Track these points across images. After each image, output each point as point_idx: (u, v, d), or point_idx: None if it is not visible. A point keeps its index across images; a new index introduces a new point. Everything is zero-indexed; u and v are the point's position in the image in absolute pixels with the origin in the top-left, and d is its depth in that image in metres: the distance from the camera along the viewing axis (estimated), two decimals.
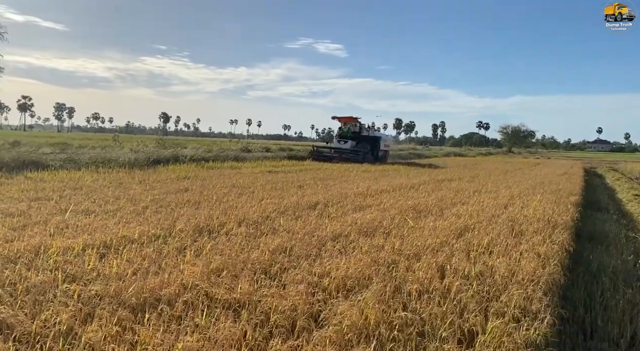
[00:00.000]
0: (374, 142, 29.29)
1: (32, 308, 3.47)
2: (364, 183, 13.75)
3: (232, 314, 3.62)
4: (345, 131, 29.85)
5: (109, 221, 6.76)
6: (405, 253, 5.58)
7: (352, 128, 29.73)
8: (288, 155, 27.98)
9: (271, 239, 6.05)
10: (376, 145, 29.08)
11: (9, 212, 7.02)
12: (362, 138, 28.90)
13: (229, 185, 12.08)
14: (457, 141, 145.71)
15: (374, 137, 29.85)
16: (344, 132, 29.79)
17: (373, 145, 28.88)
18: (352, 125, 29.90)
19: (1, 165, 12.69)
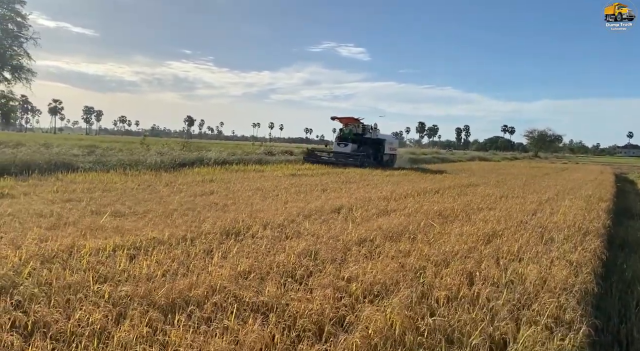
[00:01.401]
0: (377, 145, 27.00)
1: (66, 307, 3.56)
2: (387, 188, 13.67)
3: (260, 317, 3.63)
4: (346, 133, 27.41)
5: (138, 223, 6.89)
6: (433, 259, 5.51)
7: (353, 130, 27.32)
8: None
9: (296, 243, 6.07)
10: (380, 149, 26.91)
11: (42, 212, 7.22)
12: (365, 140, 26.66)
13: (253, 188, 12.18)
14: (482, 145, 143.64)
15: (377, 139, 27.35)
16: (344, 134, 27.42)
17: (376, 149, 26.76)
18: (354, 127, 27.42)
19: (34, 166, 13.09)
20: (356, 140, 26.52)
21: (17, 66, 27.93)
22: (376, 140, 27.20)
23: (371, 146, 26.56)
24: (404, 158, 35.20)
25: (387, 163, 27.20)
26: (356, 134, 27.09)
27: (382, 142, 27.18)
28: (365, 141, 26.66)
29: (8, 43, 27.52)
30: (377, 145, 26.99)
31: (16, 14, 27.20)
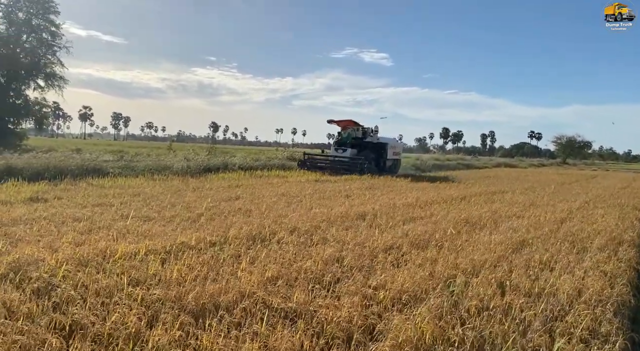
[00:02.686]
0: (379, 149, 24.74)
1: (102, 310, 3.65)
2: (412, 194, 13.56)
3: (289, 323, 3.65)
4: (345, 137, 25.28)
5: (167, 227, 7.02)
6: (462, 267, 5.43)
7: (352, 134, 25.23)
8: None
9: (322, 249, 6.08)
10: (382, 154, 24.64)
11: (76, 216, 7.43)
12: (365, 145, 24.60)
13: (277, 194, 12.25)
14: (508, 151, 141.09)
15: (379, 143, 25.08)
16: (343, 139, 25.25)
17: (378, 154, 24.53)
18: (354, 130, 25.32)
19: (67, 171, 13.49)
20: (356, 145, 24.54)
21: (51, 74, 28.88)
22: (378, 145, 25.04)
23: (372, 151, 24.47)
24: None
25: (390, 169, 25.15)
26: (356, 138, 25.09)
27: (384, 146, 24.95)
28: (366, 145, 24.59)
29: (42, 52, 28.51)
30: (379, 150, 24.81)
31: (50, 24, 28.18)
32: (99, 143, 69.10)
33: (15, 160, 13.91)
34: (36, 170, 13.13)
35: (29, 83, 28.64)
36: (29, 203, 8.71)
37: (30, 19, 27.54)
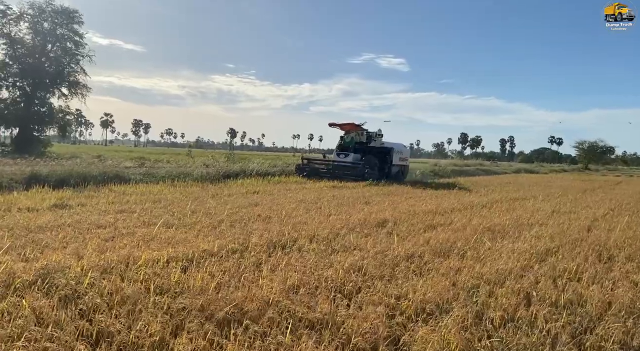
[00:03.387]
0: (383, 154, 23.46)
1: (127, 318, 3.67)
2: (431, 201, 13.43)
3: (314, 334, 3.63)
4: (348, 141, 24.01)
5: (188, 234, 7.07)
6: (486, 277, 5.34)
7: (356, 138, 23.98)
8: None
9: (343, 257, 6.04)
10: (387, 159, 23.41)
11: (99, 223, 7.54)
12: (369, 150, 23.36)
13: (296, 200, 12.27)
14: (527, 157, 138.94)
15: (383, 148, 23.82)
16: (345, 143, 24.04)
17: (382, 159, 23.22)
18: (358, 134, 24.06)
19: (90, 178, 13.74)
20: (359, 150, 23.29)
21: (74, 82, 29.55)
22: (382, 149, 23.72)
23: (376, 156, 23.11)
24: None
25: (396, 176, 23.86)
26: (359, 143, 23.90)
27: (389, 152, 23.65)
28: (370, 150, 23.34)
29: (66, 61, 29.20)
30: (384, 155, 23.49)
31: (74, 33, 28.87)
32: (119, 149, 70.32)
33: (40, 167, 14.23)
34: (60, 176, 13.40)
35: (54, 91, 29.34)
36: (54, 209, 8.87)
37: (55, 29, 28.25)
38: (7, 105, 28.10)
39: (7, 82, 28.06)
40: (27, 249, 5.52)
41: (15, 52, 27.75)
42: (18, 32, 27.87)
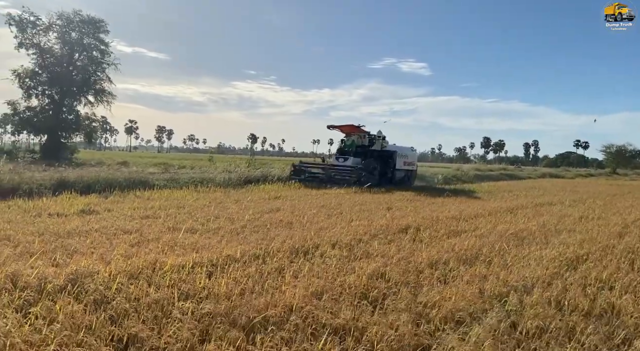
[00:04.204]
0: (385, 158, 21.86)
1: (154, 323, 3.72)
2: (455, 206, 13.26)
3: (338, 340, 3.60)
4: (348, 144, 22.48)
5: (212, 239, 7.13)
6: (513, 284, 5.23)
7: (358, 141, 22.47)
8: None
9: (366, 263, 6.00)
10: (389, 163, 21.85)
11: (125, 229, 7.67)
12: (371, 153, 21.83)
13: (317, 206, 12.26)
14: (552, 161, 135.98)
15: (386, 152, 22.15)
16: (346, 146, 22.54)
17: (385, 164, 21.66)
18: (360, 137, 22.56)
19: (115, 184, 14.01)
20: (360, 153, 21.78)
21: (100, 90, 30.26)
22: (385, 153, 22.07)
23: (378, 160, 21.52)
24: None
25: (401, 181, 22.54)
26: (361, 146, 22.32)
27: (392, 155, 22.05)
28: (372, 154, 21.82)
29: (92, 69, 29.94)
30: (386, 159, 21.85)
31: (100, 42, 29.60)
32: (143, 155, 71.61)
33: (68, 173, 14.58)
34: (87, 182, 13.71)
35: (80, 99, 30.10)
36: (82, 215, 9.07)
37: (82, 38, 29.02)
38: (37, 113, 28.94)
39: (37, 91, 28.91)
40: (57, 254, 5.65)
41: (45, 62, 28.59)
42: (47, 42, 28.73)
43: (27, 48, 28.18)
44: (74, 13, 28.50)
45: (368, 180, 19.45)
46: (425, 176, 28.68)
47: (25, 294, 4.06)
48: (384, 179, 21.12)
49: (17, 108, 28.84)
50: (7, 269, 4.67)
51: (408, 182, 23.33)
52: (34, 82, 28.65)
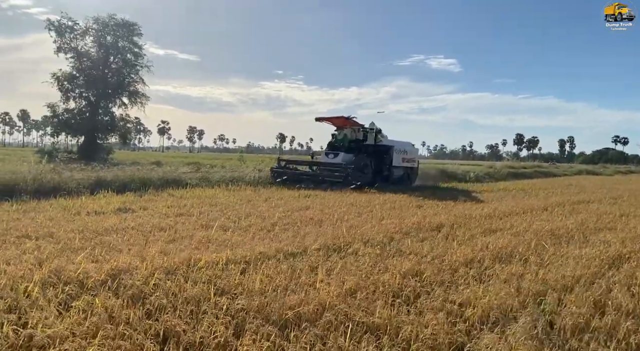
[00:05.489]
0: (380, 154, 19.50)
1: (190, 318, 3.78)
2: (488, 204, 12.99)
3: (373, 339, 3.58)
4: (340, 139, 19.98)
5: (244, 237, 7.21)
6: (551, 283, 5.08)
7: (351, 136, 20.07)
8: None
9: (399, 261, 5.95)
10: (384, 160, 19.55)
11: (161, 226, 7.85)
12: (365, 149, 19.52)
13: (346, 204, 12.23)
14: (589, 158, 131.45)
15: (380, 147, 19.67)
16: (337, 140, 20.04)
17: (379, 160, 19.38)
18: (354, 131, 20.12)
19: (150, 183, 14.36)
20: (354, 149, 19.38)
21: (134, 92, 31.11)
22: (380, 148, 19.56)
23: (373, 156, 19.17)
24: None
25: (400, 180, 20.27)
26: (355, 141, 19.89)
27: (387, 151, 19.65)
28: (366, 149, 19.43)
29: (127, 71, 30.80)
30: (381, 155, 19.47)
31: (134, 45, 30.43)
32: (176, 155, 73.18)
33: (104, 173, 15.03)
34: (123, 181, 14.10)
35: (115, 101, 31.02)
36: (118, 213, 9.33)
37: (116, 42, 29.88)
38: (74, 115, 29.98)
39: (74, 93, 29.96)
40: (96, 250, 5.83)
41: (82, 65, 29.58)
42: (84, 46, 29.74)
43: (65, 52, 29.25)
44: (108, 17, 29.38)
45: (357, 179, 17.26)
46: (457, 174, 28.22)
47: (68, 288, 4.21)
48: (379, 178, 19.02)
49: (56, 111, 29.95)
50: (52, 264, 4.86)
51: (408, 180, 21.04)
52: (72, 85, 29.68)
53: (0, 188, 11.40)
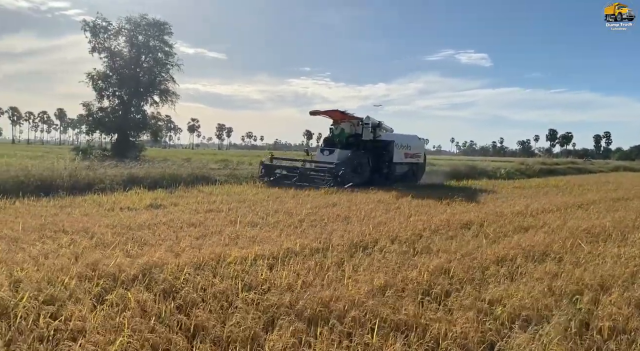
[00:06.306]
0: (379, 150, 17.81)
1: (219, 313, 3.83)
2: (520, 201, 12.67)
3: (400, 336, 3.54)
4: (336, 134, 18.26)
5: (271, 233, 7.26)
6: (587, 282, 4.91)
7: (350, 130, 18.35)
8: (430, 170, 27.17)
9: (427, 259, 5.87)
10: (384, 156, 17.84)
11: (191, 222, 7.99)
12: (363, 145, 17.84)
13: (373, 201, 12.16)
14: (626, 154, 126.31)
15: (379, 142, 17.97)
16: (334, 136, 18.34)
17: (378, 157, 17.71)
18: (353, 125, 18.42)
19: (180, 180, 14.64)
20: (353, 144, 17.76)
21: (165, 90, 31.65)
22: (378, 143, 17.87)
23: (371, 152, 17.60)
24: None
25: (403, 177, 18.58)
26: (354, 136, 18.20)
27: (387, 146, 17.88)
28: (364, 145, 17.80)
29: (158, 70, 31.37)
30: (380, 151, 17.77)
31: (165, 44, 30.95)
32: (205, 152, 74.34)
33: (137, 170, 15.41)
34: (154, 178, 14.43)
35: (147, 99, 31.65)
36: (150, 209, 9.55)
37: (148, 41, 30.48)
38: (108, 114, 30.76)
39: (108, 92, 30.72)
40: (129, 245, 5.98)
41: (115, 64, 30.31)
42: (117, 45, 30.43)
43: (99, 52, 29.99)
44: (140, 17, 29.97)
45: (350, 178, 15.84)
46: (487, 171, 27.64)
47: (103, 282, 4.33)
48: (378, 176, 17.48)
49: (91, 109, 30.80)
50: (87, 258, 5.01)
51: (413, 177, 19.33)
52: (106, 84, 30.43)
53: (39, 184, 11.85)
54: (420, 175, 20.22)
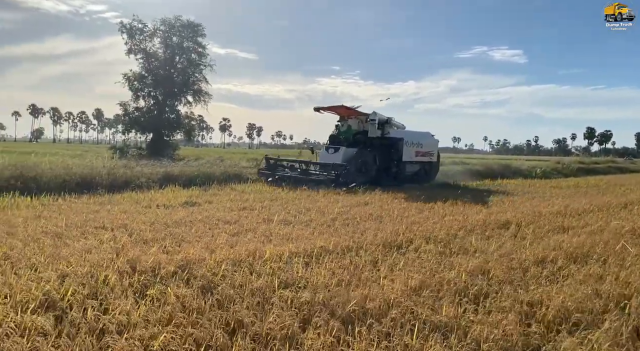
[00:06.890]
0: (387, 148, 16.72)
1: (257, 310, 3.86)
2: (558, 201, 12.28)
3: (440, 337, 3.48)
4: (343, 131, 17.37)
5: (304, 231, 7.28)
6: (636, 286, 4.70)
7: (357, 127, 17.43)
8: (463, 169, 26.69)
9: (464, 259, 5.76)
10: (392, 155, 16.74)
11: (225, 219, 8.10)
12: (371, 143, 16.75)
13: (406, 200, 12.01)
14: None
15: (387, 139, 16.86)
16: (340, 133, 17.43)
17: (386, 155, 16.63)
18: (361, 121, 17.39)
19: (213, 178, 14.88)
20: (360, 142, 16.74)
21: (198, 90, 32.24)
22: (386, 141, 16.77)
23: (378, 151, 16.52)
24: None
25: (415, 176, 17.68)
26: (361, 133, 17.16)
27: (396, 144, 16.76)
28: (372, 143, 16.68)
29: (191, 71, 31.98)
30: (388, 149, 16.68)
31: (198, 45, 31.52)
32: (236, 151, 75.36)
33: (172, 168, 15.75)
34: (188, 176, 14.71)
35: (180, 99, 32.32)
36: (185, 206, 9.73)
37: (182, 42, 31.11)
38: (143, 113, 31.57)
39: (144, 93, 31.53)
40: (166, 242, 6.10)
41: (150, 65, 31.07)
42: (152, 46, 31.18)
43: (135, 53, 30.79)
44: (174, 19, 30.61)
45: (354, 177, 14.91)
46: (522, 170, 26.94)
47: (143, 277, 4.43)
48: (386, 175, 16.50)
49: (127, 109, 31.68)
50: (127, 255, 5.14)
51: (425, 177, 18.31)
52: (141, 85, 31.23)
53: (79, 182, 12.26)
54: (433, 175, 19.12)
